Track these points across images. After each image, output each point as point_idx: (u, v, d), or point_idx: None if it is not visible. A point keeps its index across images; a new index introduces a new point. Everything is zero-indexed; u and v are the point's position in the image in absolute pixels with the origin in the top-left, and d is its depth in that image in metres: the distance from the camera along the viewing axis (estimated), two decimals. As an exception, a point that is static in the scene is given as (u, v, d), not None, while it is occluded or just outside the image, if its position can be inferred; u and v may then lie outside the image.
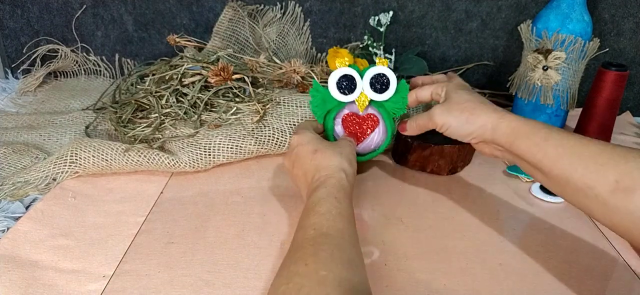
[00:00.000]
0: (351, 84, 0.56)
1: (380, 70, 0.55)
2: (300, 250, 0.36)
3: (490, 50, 0.86)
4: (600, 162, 0.37)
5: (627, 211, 0.35)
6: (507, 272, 0.45)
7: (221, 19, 0.84)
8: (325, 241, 0.36)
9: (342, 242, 0.36)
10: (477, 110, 0.48)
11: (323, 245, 0.35)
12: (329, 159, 0.47)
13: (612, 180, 0.36)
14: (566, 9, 0.67)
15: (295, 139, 0.51)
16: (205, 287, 0.42)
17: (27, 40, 0.89)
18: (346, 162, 0.47)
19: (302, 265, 0.33)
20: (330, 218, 0.38)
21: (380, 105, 0.57)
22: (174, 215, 0.52)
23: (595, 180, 0.37)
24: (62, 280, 0.43)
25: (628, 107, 0.86)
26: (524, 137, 0.43)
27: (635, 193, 0.34)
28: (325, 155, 0.47)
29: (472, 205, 0.55)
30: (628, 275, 0.45)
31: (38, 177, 0.57)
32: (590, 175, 0.37)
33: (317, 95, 0.57)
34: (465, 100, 0.49)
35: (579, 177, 0.38)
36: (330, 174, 0.45)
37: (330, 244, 0.35)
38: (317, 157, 0.47)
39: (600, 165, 0.37)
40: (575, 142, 0.40)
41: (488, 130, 0.46)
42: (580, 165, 0.38)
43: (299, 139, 0.50)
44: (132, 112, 0.68)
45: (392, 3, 0.83)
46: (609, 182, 0.36)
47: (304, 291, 0.30)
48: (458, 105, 0.49)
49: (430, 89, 0.54)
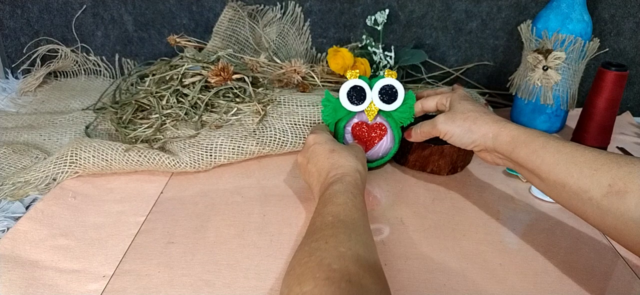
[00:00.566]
0: (361, 95, 0.58)
1: (388, 82, 0.58)
2: (319, 232, 0.38)
3: (490, 50, 0.86)
4: (594, 167, 0.39)
5: (619, 213, 0.36)
6: (507, 272, 0.45)
7: (221, 19, 0.84)
8: (342, 226, 0.38)
9: (358, 229, 0.39)
10: (479, 120, 0.50)
11: (341, 228, 0.38)
12: (345, 158, 0.50)
13: (605, 184, 0.37)
14: (566, 9, 0.67)
15: (312, 137, 0.54)
16: (205, 287, 0.42)
17: (27, 40, 0.89)
18: (361, 164, 0.50)
19: (323, 243, 0.35)
20: (346, 208, 0.41)
21: (388, 115, 0.59)
22: (174, 215, 0.52)
23: (590, 185, 0.38)
24: (62, 280, 0.43)
25: (628, 107, 0.86)
26: (523, 145, 0.45)
27: (626, 195, 0.36)
28: (342, 155, 0.50)
29: (472, 205, 0.55)
30: (628, 275, 0.45)
31: (38, 177, 0.56)
32: (584, 179, 0.39)
33: (329, 104, 0.60)
34: (468, 110, 0.51)
35: (574, 182, 0.39)
36: (347, 173, 0.47)
37: (347, 228, 0.38)
38: (335, 156, 0.50)
39: (594, 170, 0.38)
40: (572, 149, 0.41)
41: (489, 139, 0.49)
42: (575, 171, 0.40)
43: (317, 138, 0.53)
44: (132, 112, 0.68)
45: (392, 3, 0.83)
46: (603, 186, 0.37)
47: (325, 262, 0.33)
48: (461, 115, 0.51)
49: (436, 99, 0.57)
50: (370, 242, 0.38)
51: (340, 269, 0.32)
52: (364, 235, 0.38)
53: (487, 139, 0.49)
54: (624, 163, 0.37)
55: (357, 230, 0.38)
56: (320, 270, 0.32)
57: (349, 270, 0.32)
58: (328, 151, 0.51)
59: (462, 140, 0.51)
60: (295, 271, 0.34)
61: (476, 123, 0.50)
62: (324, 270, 0.32)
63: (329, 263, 0.33)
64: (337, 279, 0.31)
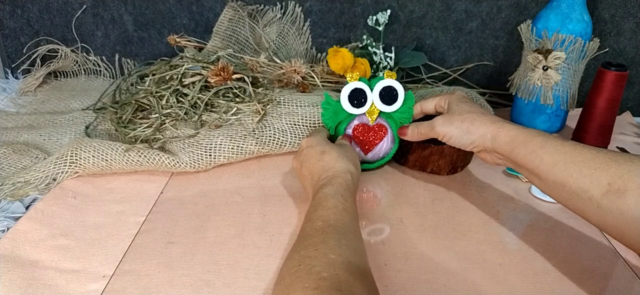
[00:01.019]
0: (362, 97, 0.58)
1: (389, 84, 0.58)
2: (309, 238, 0.37)
3: (490, 50, 0.86)
4: (593, 166, 0.38)
5: (619, 212, 0.36)
6: (507, 272, 0.45)
7: (221, 19, 0.84)
8: (332, 231, 0.38)
9: (348, 234, 0.38)
10: (477, 121, 0.50)
11: (331, 234, 0.37)
12: (335, 160, 0.49)
13: (604, 183, 0.37)
14: (566, 9, 0.67)
15: (305, 141, 0.55)
16: (205, 287, 0.42)
17: (27, 40, 0.89)
18: (352, 164, 0.50)
19: (312, 250, 0.35)
20: (337, 212, 0.40)
21: (389, 116, 0.60)
22: (174, 215, 0.52)
23: (589, 184, 0.38)
24: (62, 280, 0.43)
25: (628, 107, 0.86)
26: (522, 145, 0.45)
27: (626, 194, 0.36)
28: (332, 156, 0.50)
29: (472, 205, 0.55)
30: (628, 275, 0.45)
31: (38, 177, 0.56)
32: (584, 179, 0.39)
33: (329, 107, 0.60)
34: (466, 112, 0.51)
35: (574, 182, 0.39)
36: (337, 174, 0.47)
37: (338, 233, 0.38)
38: (325, 158, 0.50)
39: (593, 170, 0.38)
40: (570, 148, 0.41)
41: (488, 139, 0.49)
42: (574, 170, 0.39)
43: (309, 141, 0.54)
44: (132, 112, 0.68)
45: (392, 3, 0.83)
46: (602, 185, 0.37)
47: (314, 271, 0.32)
48: (459, 117, 0.51)
49: (435, 101, 0.57)
50: (361, 247, 0.38)
51: (330, 277, 0.31)
52: (354, 241, 0.38)
53: (486, 139, 0.49)
54: (623, 161, 0.37)
55: (348, 235, 0.38)
56: (310, 279, 0.31)
57: (339, 278, 0.31)
58: (319, 153, 0.51)
59: (461, 141, 0.51)
60: (285, 281, 0.33)
61: (474, 124, 0.50)
62: (313, 279, 0.31)
63: (318, 271, 0.32)
64: (326, 288, 0.30)
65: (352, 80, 0.58)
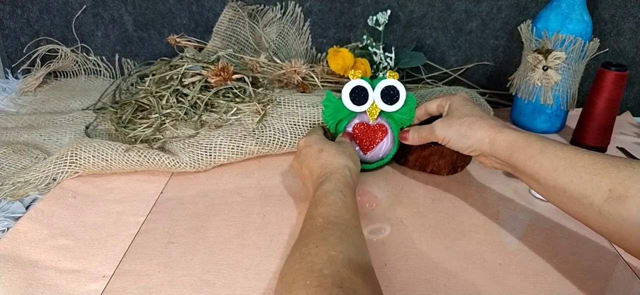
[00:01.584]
0: (363, 95, 0.58)
1: (390, 83, 0.58)
2: (309, 236, 0.37)
3: (490, 50, 0.86)
4: (594, 172, 0.38)
5: (620, 218, 0.36)
6: (507, 272, 0.45)
7: (221, 19, 0.84)
8: (333, 228, 0.38)
9: (348, 229, 0.38)
10: (474, 125, 0.49)
11: (331, 231, 0.37)
12: (333, 156, 0.50)
13: (605, 189, 0.37)
14: (566, 9, 0.67)
15: (302, 141, 0.55)
16: (205, 287, 0.42)
17: (27, 40, 0.89)
18: (350, 160, 0.50)
19: (313, 247, 0.35)
20: (336, 209, 0.40)
21: (389, 116, 0.60)
22: (174, 215, 0.52)
23: (590, 190, 0.38)
24: (62, 280, 0.43)
25: (628, 107, 0.86)
26: (521, 151, 0.45)
27: (627, 200, 0.35)
28: (330, 153, 0.50)
29: (472, 205, 0.55)
30: (628, 275, 0.45)
31: (38, 177, 0.56)
32: (584, 185, 0.38)
33: (330, 105, 0.60)
34: (464, 115, 0.51)
35: (574, 188, 0.39)
36: (335, 170, 0.47)
37: (338, 230, 0.38)
38: (323, 156, 0.50)
39: (594, 175, 0.38)
40: (570, 153, 0.41)
41: (485, 144, 0.48)
42: (575, 176, 0.39)
43: (307, 141, 0.54)
44: (132, 112, 0.68)
45: (392, 3, 0.83)
46: (603, 191, 0.37)
47: (316, 268, 0.32)
48: (458, 120, 0.51)
49: (438, 101, 0.57)
50: (362, 243, 0.38)
51: (332, 274, 0.32)
52: (355, 237, 0.38)
53: (483, 144, 0.48)
54: (624, 166, 0.37)
55: (348, 231, 0.38)
56: (312, 276, 0.32)
57: (341, 275, 0.32)
58: (317, 152, 0.51)
59: (459, 145, 0.51)
60: (286, 279, 0.33)
61: (472, 128, 0.49)
62: (315, 276, 0.31)
63: (320, 268, 0.32)
64: (328, 285, 0.30)
65: (354, 77, 0.58)
